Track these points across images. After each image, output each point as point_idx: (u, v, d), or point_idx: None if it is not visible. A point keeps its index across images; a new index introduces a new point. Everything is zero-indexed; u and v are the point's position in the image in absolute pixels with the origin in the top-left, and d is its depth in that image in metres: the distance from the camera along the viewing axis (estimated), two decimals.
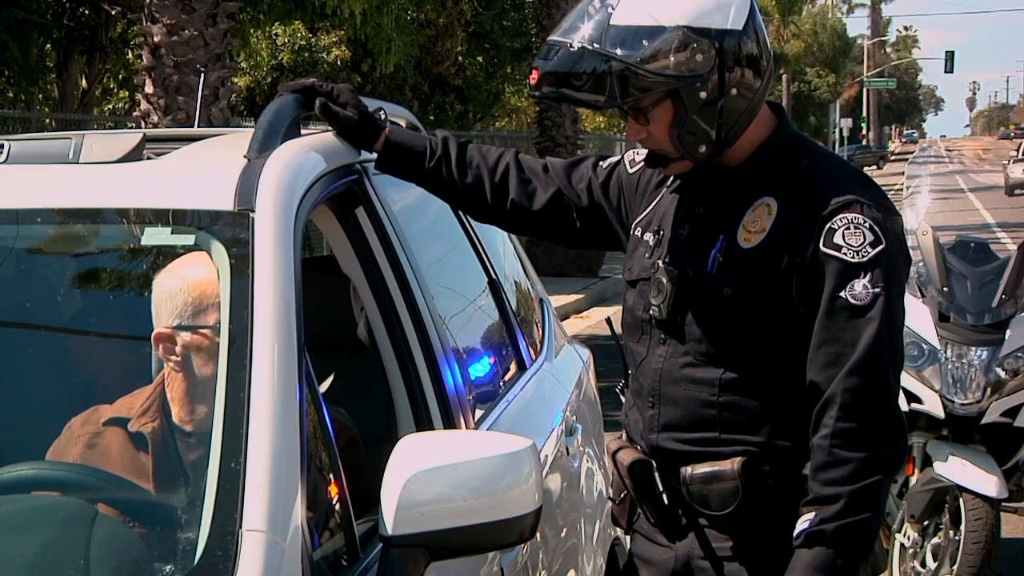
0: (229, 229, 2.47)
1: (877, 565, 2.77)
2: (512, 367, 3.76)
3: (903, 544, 5.48)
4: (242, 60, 19.00)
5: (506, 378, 3.68)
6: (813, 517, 2.54)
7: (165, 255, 2.52)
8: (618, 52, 2.55)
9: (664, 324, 2.70)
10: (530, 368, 3.83)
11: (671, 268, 2.69)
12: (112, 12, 16.02)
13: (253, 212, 2.49)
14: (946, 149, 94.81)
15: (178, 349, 2.43)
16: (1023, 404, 5.43)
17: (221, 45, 10.62)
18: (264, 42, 20.56)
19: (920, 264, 5.60)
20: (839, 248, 2.56)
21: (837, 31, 69.62)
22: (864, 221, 2.57)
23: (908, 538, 5.47)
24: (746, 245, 2.64)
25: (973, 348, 5.49)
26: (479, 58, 25.20)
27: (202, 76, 8.57)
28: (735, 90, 2.61)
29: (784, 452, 2.65)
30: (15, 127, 13.88)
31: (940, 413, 5.46)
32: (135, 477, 2.41)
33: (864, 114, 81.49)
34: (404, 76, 21.23)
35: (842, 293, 2.55)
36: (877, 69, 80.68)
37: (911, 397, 5.46)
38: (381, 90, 20.94)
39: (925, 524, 5.46)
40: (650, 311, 2.72)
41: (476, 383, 3.31)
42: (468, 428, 3.04)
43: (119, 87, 19.23)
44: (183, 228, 2.52)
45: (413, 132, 3.03)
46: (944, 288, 5.58)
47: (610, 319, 3.21)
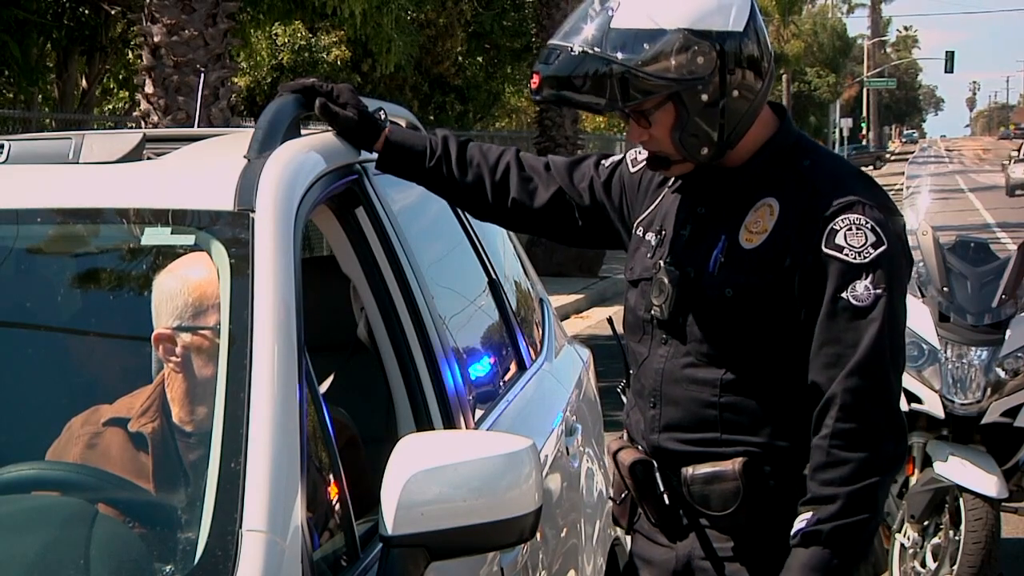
0: (229, 229, 2.47)
1: (878, 565, 2.77)
2: (512, 367, 3.76)
3: (903, 544, 5.48)
4: (242, 60, 18.97)
5: (506, 378, 3.68)
6: (810, 517, 2.54)
7: (165, 255, 2.52)
8: (619, 56, 2.55)
9: (665, 324, 2.70)
10: (530, 368, 3.83)
11: (673, 268, 2.69)
12: (112, 12, 16.00)
13: (253, 212, 2.48)
14: (946, 149, 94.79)
15: (178, 350, 2.43)
16: (1023, 404, 5.43)
17: (221, 45, 10.61)
18: (264, 42, 20.54)
19: (920, 264, 5.60)
20: (841, 249, 2.56)
21: (837, 31, 69.61)
22: (866, 222, 2.56)
23: (908, 538, 5.46)
24: (748, 246, 2.64)
25: (973, 348, 5.48)
26: (479, 58, 25.19)
27: (202, 76, 8.59)
28: (736, 92, 2.61)
29: (785, 453, 2.64)
30: (15, 127, 13.88)
31: (940, 413, 5.46)
32: (135, 477, 2.40)
33: (864, 114, 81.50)
34: (404, 76, 21.22)
35: (844, 294, 2.55)
36: (877, 69, 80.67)
37: (911, 397, 5.46)
38: (381, 90, 20.93)
39: (925, 524, 5.46)
40: (651, 311, 2.72)
41: (476, 383, 3.30)
42: (468, 428, 3.04)
43: (119, 87, 19.23)
44: (183, 228, 2.52)
45: (413, 132, 3.03)
46: (944, 288, 5.58)
47: (611, 319, 3.21)
